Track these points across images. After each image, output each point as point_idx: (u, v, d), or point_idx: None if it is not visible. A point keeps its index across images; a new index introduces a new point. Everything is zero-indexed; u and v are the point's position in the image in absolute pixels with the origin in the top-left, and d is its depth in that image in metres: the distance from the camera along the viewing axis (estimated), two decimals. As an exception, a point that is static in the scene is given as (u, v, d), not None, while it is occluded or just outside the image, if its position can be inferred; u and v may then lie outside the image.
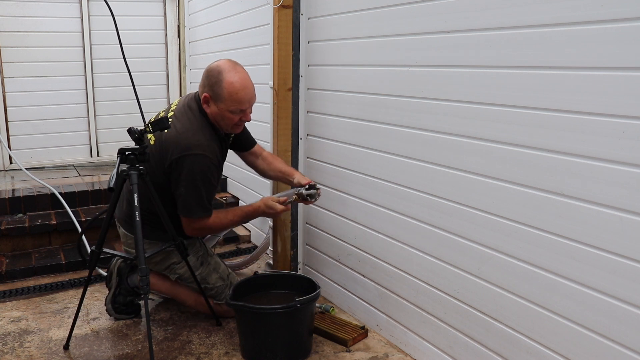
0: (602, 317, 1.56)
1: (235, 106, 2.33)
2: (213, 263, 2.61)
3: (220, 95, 2.32)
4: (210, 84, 2.33)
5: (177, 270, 2.59)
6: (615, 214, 1.49)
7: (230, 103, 2.32)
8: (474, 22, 1.85)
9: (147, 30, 4.76)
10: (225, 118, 2.37)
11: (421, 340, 2.28)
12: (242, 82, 2.32)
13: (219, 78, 2.30)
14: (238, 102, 2.32)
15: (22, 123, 4.41)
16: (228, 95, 2.31)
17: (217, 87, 2.31)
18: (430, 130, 2.09)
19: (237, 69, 2.34)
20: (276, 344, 2.26)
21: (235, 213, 2.53)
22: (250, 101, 2.37)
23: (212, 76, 2.32)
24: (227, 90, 2.30)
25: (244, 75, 2.34)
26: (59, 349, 2.41)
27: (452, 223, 2.04)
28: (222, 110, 2.35)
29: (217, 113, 2.37)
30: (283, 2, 2.65)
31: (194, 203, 2.37)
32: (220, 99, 2.32)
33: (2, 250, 3.36)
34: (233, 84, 2.30)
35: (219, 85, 2.30)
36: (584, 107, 1.54)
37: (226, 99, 2.31)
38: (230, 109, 2.33)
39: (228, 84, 2.30)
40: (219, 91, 2.31)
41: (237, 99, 2.32)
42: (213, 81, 2.32)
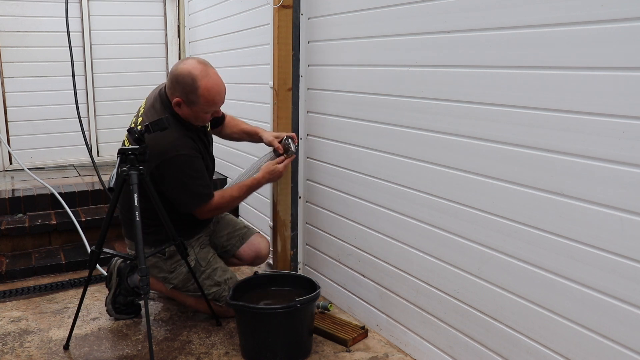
0: (602, 317, 1.56)
1: (211, 108, 2.37)
2: (209, 271, 2.58)
3: (195, 101, 2.32)
4: (185, 92, 2.30)
5: (171, 281, 2.58)
6: (615, 214, 1.49)
7: (206, 106, 2.34)
8: (474, 22, 1.85)
9: (147, 30, 4.76)
10: (199, 118, 2.40)
11: (421, 340, 2.28)
12: (217, 86, 2.33)
13: (194, 86, 2.28)
14: (214, 104, 2.36)
15: (22, 123, 4.41)
16: (204, 101, 2.31)
17: (192, 94, 2.30)
18: (430, 130, 2.09)
19: (210, 72, 2.32)
20: (276, 344, 2.26)
21: (240, 187, 2.54)
22: (223, 99, 2.40)
23: (186, 84, 2.29)
24: (203, 97, 2.30)
25: (216, 77, 2.34)
26: (59, 349, 2.41)
27: (452, 223, 2.04)
28: (195, 112, 2.36)
29: (189, 114, 2.38)
30: (283, 2, 2.65)
31: (189, 198, 2.40)
32: (195, 104, 2.33)
33: (2, 250, 3.36)
34: (209, 91, 2.30)
35: (194, 92, 2.29)
36: (584, 107, 1.54)
37: (202, 104, 2.32)
38: (205, 110, 2.36)
39: (204, 91, 2.29)
40: (193, 98, 2.31)
41: (213, 102, 2.35)
42: (187, 89, 2.29)
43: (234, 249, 2.77)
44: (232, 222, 2.83)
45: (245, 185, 2.54)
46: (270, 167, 2.53)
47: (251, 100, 3.52)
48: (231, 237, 2.78)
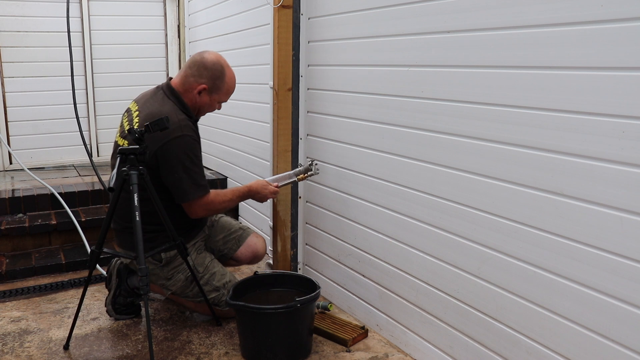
0: (602, 317, 1.56)
1: (226, 98, 2.54)
2: (207, 276, 2.56)
3: (220, 88, 2.48)
4: (213, 77, 2.45)
5: (169, 288, 2.56)
6: (615, 214, 1.49)
7: (225, 95, 2.52)
8: (474, 22, 1.85)
9: (147, 30, 4.76)
10: (211, 107, 2.54)
11: (421, 340, 2.28)
12: (235, 78, 2.54)
13: (223, 72, 2.46)
14: (229, 94, 2.55)
15: (22, 123, 4.42)
16: (227, 88, 2.50)
17: (219, 80, 2.46)
18: (430, 130, 2.09)
19: (230, 66, 2.53)
20: (276, 344, 2.26)
21: (233, 191, 2.57)
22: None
23: (216, 70, 2.45)
24: (227, 85, 2.49)
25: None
26: (59, 349, 2.41)
27: (452, 223, 2.04)
28: (214, 100, 2.51)
29: (206, 103, 2.50)
30: (283, 2, 2.65)
31: (189, 185, 2.37)
32: (218, 91, 2.48)
33: (2, 250, 3.36)
34: (232, 79, 2.51)
35: (222, 79, 2.46)
36: (584, 107, 1.54)
37: (224, 91, 2.50)
38: (222, 100, 2.54)
39: (229, 79, 2.49)
40: (220, 84, 2.47)
41: (230, 92, 2.55)
42: (217, 75, 2.45)
43: (231, 252, 2.75)
44: (227, 225, 2.80)
45: (238, 190, 2.57)
46: (263, 183, 2.59)
47: (251, 100, 3.52)
48: (227, 240, 2.75)
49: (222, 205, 2.51)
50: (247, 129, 3.61)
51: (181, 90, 2.46)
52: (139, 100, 2.55)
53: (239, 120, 3.76)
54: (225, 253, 2.76)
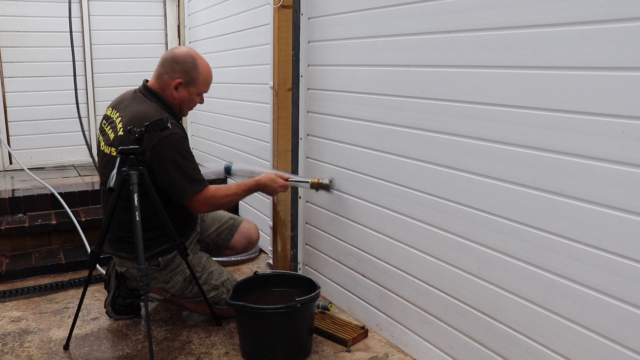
0: (602, 317, 1.56)
1: (205, 88, 2.51)
2: (204, 276, 2.56)
3: (195, 79, 2.45)
4: (185, 70, 2.43)
5: (168, 290, 2.55)
6: (615, 214, 1.49)
7: (202, 86, 2.49)
8: (474, 22, 1.85)
9: (147, 30, 4.76)
10: (192, 101, 2.51)
11: (421, 340, 2.28)
12: (209, 67, 2.52)
13: (195, 63, 2.45)
14: (207, 85, 2.52)
15: (22, 123, 4.42)
16: (203, 78, 2.47)
17: (193, 72, 2.44)
18: (430, 130, 2.09)
19: (202, 56, 2.52)
20: (276, 344, 2.26)
21: (238, 185, 2.53)
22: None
23: (187, 62, 2.44)
24: (202, 75, 2.46)
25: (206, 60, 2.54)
26: (59, 349, 2.41)
27: (452, 223, 2.04)
28: (191, 94, 2.48)
29: (185, 97, 2.48)
30: (283, 2, 2.65)
31: (185, 182, 2.35)
32: (194, 83, 2.46)
33: (2, 250, 3.36)
34: (206, 68, 2.48)
35: (195, 70, 2.44)
36: (584, 107, 1.54)
37: (200, 82, 2.47)
38: (200, 91, 2.50)
39: (203, 68, 2.47)
40: (195, 76, 2.45)
41: (208, 82, 2.52)
42: (189, 67, 2.44)
43: (226, 242, 2.82)
44: (218, 217, 2.84)
45: (245, 184, 2.53)
46: (272, 177, 2.53)
47: (251, 100, 3.52)
48: (220, 231, 2.80)
49: (226, 199, 2.48)
50: (247, 129, 3.61)
51: (159, 90, 2.45)
52: (116, 105, 2.53)
53: (239, 120, 3.76)
54: (220, 244, 2.82)
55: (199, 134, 4.70)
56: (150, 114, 2.32)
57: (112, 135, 2.41)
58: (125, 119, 2.38)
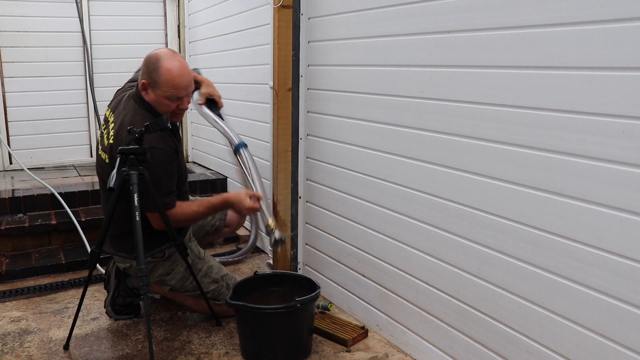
0: (602, 317, 1.56)
1: (172, 92, 2.33)
2: (205, 269, 2.58)
3: (157, 81, 2.33)
4: (149, 71, 2.34)
5: (168, 282, 2.56)
6: (615, 214, 1.49)
7: (167, 89, 2.33)
8: (474, 22, 1.85)
9: (147, 30, 4.76)
10: (162, 105, 2.37)
11: (421, 340, 2.28)
12: (179, 69, 2.33)
13: (157, 65, 2.32)
14: (174, 87, 2.33)
15: (22, 123, 4.41)
16: (165, 80, 2.32)
17: (154, 73, 2.33)
18: (430, 130, 2.09)
19: (175, 57, 2.37)
20: (276, 344, 2.26)
21: (201, 203, 2.49)
22: (187, 89, 2.38)
23: (151, 63, 2.34)
24: (164, 77, 2.31)
25: (182, 63, 2.36)
26: (59, 349, 2.41)
27: (452, 223, 2.04)
28: (159, 96, 2.36)
29: (154, 100, 2.38)
30: (283, 2, 2.65)
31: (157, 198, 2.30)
32: (158, 85, 2.33)
33: (2, 250, 3.36)
34: (170, 70, 2.31)
35: (157, 71, 2.32)
36: (584, 107, 1.54)
37: (163, 84, 2.32)
38: (166, 94, 2.34)
39: (165, 70, 2.31)
40: (156, 77, 2.33)
41: (174, 84, 2.32)
42: (151, 68, 2.33)
43: (222, 222, 2.98)
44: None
45: (208, 201, 2.49)
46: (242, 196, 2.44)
47: (251, 100, 3.52)
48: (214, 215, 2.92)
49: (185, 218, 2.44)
50: (247, 129, 3.60)
51: (140, 93, 2.41)
52: (114, 108, 2.53)
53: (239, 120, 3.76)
54: (218, 225, 2.96)
55: (199, 134, 4.70)
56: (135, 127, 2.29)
57: (107, 141, 2.42)
58: (116, 128, 2.40)
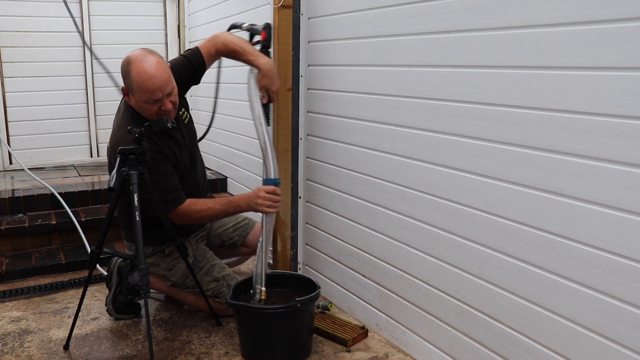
0: (602, 317, 1.56)
1: (146, 96, 2.23)
2: (207, 267, 2.59)
3: (131, 86, 2.25)
4: (123, 76, 2.27)
5: (170, 278, 2.59)
6: (615, 214, 1.49)
7: (141, 93, 2.23)
8: (474, 22, 1.85)
9: (147, 30, 4.76)
10: (144, 109, 2.29)
11: (421, 340, 2.28)
12: (149, 71, 2.20)
13: (128, 69, 2.24)
14: (147, 91, 2.22)
15: (22, 123, 4.41)
16: (137, 85, 2.22)
17: (127, 79, 2.25)
18: (430, 130, 2.09)
19: (147, 58, 2.23)
20: (276, 344, 2.26)
21: (218, 200, 2.43)
22: (162, 90, 2.24)
23: (123, 68, 2.26)
24: (135, 82, 2.22)
25: (152, 64, 2.22)
26: (59, 349, 2.41)
27: (452, 223, 2.04)
28: (137, 101, 2.28)
29: (136, 105, 2.31)
30: (283, 2, 2.65)
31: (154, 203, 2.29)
32: (132, 91, 2.26)
33: (2, 250, 3.36)
34: (140, 74, 2.21)
35: (129, 76, 2.24)
36: (584, 107, 1.54)
37: (136, 89, 2.24)
38: (142, 99, 2.25)
39: (135, 74, 2.21)
40: (129, 83, 2.25)
41: (146, 88, 2.21)
42: (124, 73, 2.26)
43: (242, 239, 2.87)
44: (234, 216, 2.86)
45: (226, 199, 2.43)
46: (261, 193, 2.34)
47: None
48: (237, 227, 2.85)
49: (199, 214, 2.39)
50: (247, 129, 3.60)
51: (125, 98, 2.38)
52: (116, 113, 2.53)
53: (239, 120, 3.76)
54: (236, 240, 2.86)
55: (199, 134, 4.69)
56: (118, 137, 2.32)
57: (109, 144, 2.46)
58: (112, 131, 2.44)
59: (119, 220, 2.60)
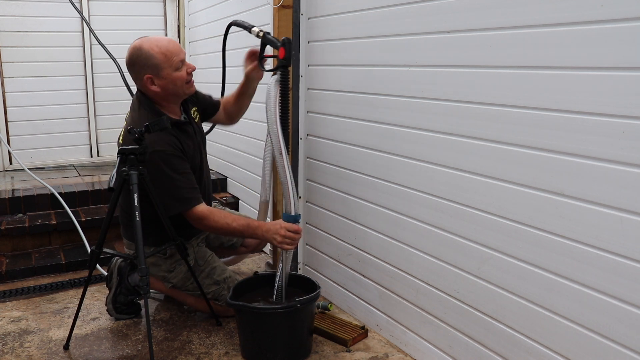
0: (602, 317, 1.56)
1: (175, 59, 2.30)
2: (208, 269, 2.59)
3: (157, 64, 2.29)
4: (143, 64, 2.30)
5: (170, 280, 2.59)
6: (615, 214, 1.49)
7: (169, 61, 2.29)
8: (474, 22, 1.85)
9: (147, 30, 4.75)
10: (176, 80, 2.33)
11: (421, 340, 2.28)
12: (162, 39, 2.32)
13: (142, 52, 2.29)
14: (174, 54, 2.31)
15: (22, 123, 4.41)
16: (162, 56, 2.28)
17: (150, 60, 2.28)
18: (430, 130, 2.09)
19: (150, 36, 2.36)
20: (276, 344, 2.26)
21: (237, 219, 2.40)
22: (182, 50, 2.37)
23: (139, 57, 2.30)
24: (157, 55, 2.28)
25: (159, 36, 2.37)
26: (59, 349, 2.41)
27: (452, 223, 2.04)
28: (168, 75, 2.31)
29: (166, 84, 2.33)
30: (283, 2, 2.65)
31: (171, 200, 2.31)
32: (160, 67, 2.29)
33: (2, 250, 3.36)
34: (158, 45, 2.28)
35: (149, 56, 2.28)
36: (584, 107, 1.54)
37: (163, 61, 2.28)
38: (173, 66, 2.30)
39: (154, 47, 2.28)
40: (154, 61, 2.29)
41: (171, 52, 2.30)
42: (143, 59, 2.29)
43: (241, 239, 2.88)
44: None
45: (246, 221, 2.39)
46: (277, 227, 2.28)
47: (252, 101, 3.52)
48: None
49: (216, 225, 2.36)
50: (247, 129, 3.60)
51: (144, 92, 2.40)
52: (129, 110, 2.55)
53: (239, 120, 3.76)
54: (235, 241, 2.88)
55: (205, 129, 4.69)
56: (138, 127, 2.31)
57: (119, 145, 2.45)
58: (124, 131, 2.44)
59: (120, 218, 2.59)
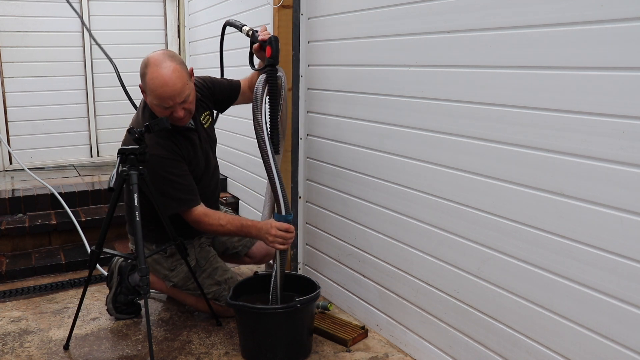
0: (602, 317, 1.56)
1: (158, 101, 2.23)
2: (209, 269, 2.59)
3: (145, 88, 2.27)
4: (140, 75, 2.28)
5: (171, 279, 2.59)
6: (615, 214, 1.49)
7: (153, 98, 2.24)
8: (474, 22, 1.85)
9: (147, 30, 4.76)
10: (156, 111, 2.30)
11: (421, 340, 2.28)
12: (162, 79, 2.18)
13: (145, 71, 2.24)
14: (158, 98, 2.22)
15: (22, 123, 4.41)
16: (150, 90, 2.23)
17: (143, 79, 2.26)
18: (430, 130, 2.09)
19: (164, 64, 2.20)
20: (276, 344, 2.26)
21: (231, 220, 2.40)
22: (174, 98, 2.21)
23: (141, 68, 2.27)
24: (149, 86, 2.23)
25: (167, 71, 2.18)
26: (59, 349, 2.41)
27: (452, 223, 2.04)
28: (155, 107, 2.29)
29: (149, 104, 2.31)
30: (283, 2, 2.65)
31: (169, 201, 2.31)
32: (147, 92, 2.27)
33: (2, 250, 3.36)
34: (154, 80, 2.20)
35: (144, 78, 2.25)
36: (584, 107, 1.54)
37: (149, 93, 2.25)
38: (154, 103, 2.26)
39: (150, 79, 2.21)
40: (144, 85, 2.27)
41: (157, 95, 2.21)
42: (141, 73, 2.27)
43: (246, 249, 2.82)
44: None
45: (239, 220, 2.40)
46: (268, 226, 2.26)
47: (251, 100, 3.52)
48: (242, 238, 2.80)
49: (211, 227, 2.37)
50: (248, 129, 3.59)
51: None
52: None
53: (239, 120, 3.76)
54: (240, 250, 2.83)
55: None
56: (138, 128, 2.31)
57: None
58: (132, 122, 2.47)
59: (125, 214, 2.58)
